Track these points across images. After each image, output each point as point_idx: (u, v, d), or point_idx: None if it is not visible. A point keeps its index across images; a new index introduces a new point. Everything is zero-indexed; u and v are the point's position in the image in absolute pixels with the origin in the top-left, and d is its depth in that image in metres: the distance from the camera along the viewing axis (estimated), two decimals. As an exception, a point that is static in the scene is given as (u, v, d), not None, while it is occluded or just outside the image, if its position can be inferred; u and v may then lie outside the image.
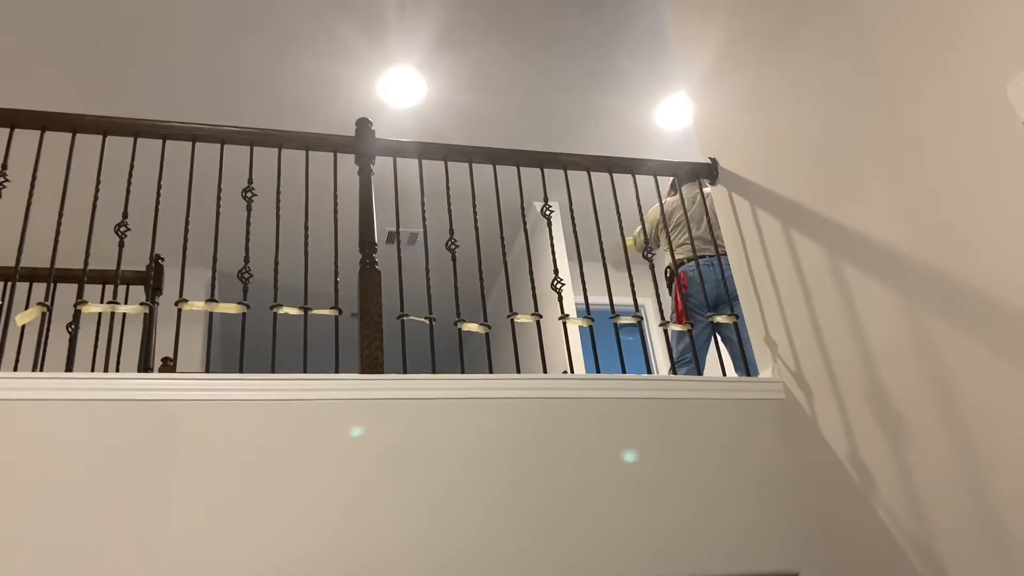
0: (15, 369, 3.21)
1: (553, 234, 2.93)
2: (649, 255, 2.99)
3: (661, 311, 2.98)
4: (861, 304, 2.36)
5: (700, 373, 3.13)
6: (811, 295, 2.60)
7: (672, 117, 4.94)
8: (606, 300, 2.86)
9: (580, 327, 2.83)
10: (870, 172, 2.32)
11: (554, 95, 4.64)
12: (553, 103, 4.69)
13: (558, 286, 2.82)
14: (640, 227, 3.90)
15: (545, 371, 2.73)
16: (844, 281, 2.43)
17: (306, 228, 2.74)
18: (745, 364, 2.99)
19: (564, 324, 2.77)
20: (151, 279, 3.44)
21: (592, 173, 3.09)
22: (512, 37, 4.21)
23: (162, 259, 3.51)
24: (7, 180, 2.54)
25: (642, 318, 2.93)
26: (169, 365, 3.96)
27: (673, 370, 2.95)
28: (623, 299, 3.02)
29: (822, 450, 2.52)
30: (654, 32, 4.29)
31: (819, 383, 2.56)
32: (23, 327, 2.50)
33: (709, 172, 3.19)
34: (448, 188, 2.91)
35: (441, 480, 2.34)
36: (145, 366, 3.32)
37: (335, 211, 2.79)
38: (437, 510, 2.29)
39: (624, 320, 2.82)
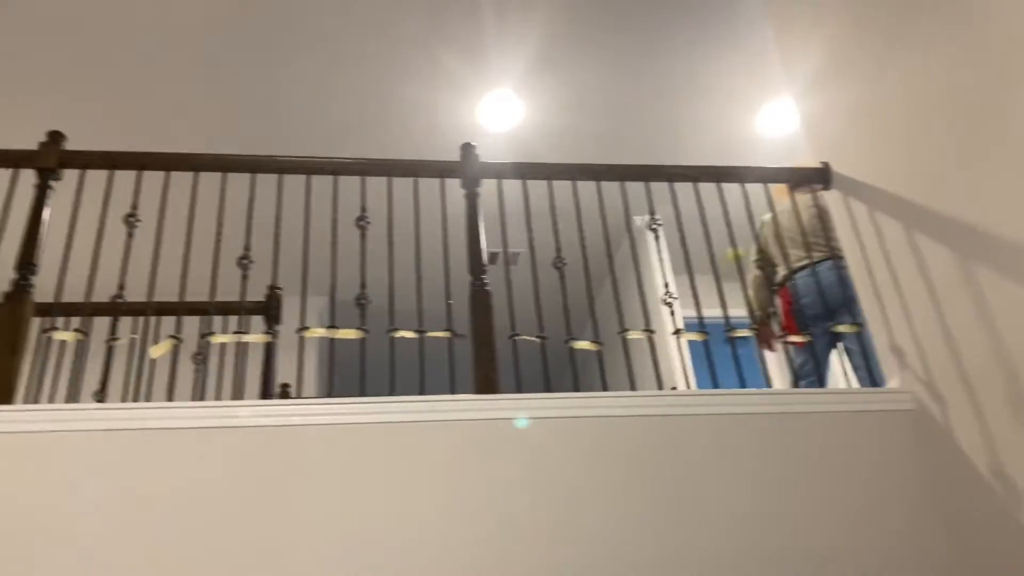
0: (147, 399, 3.37)
1: (658, 248, 2.91)
2: (769, 269, 2.93)
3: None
4: (998, 307, 2.23)
5: (823, 386, 3.02)
6: (940, 300, 2.47)
7: (774, 123, 4.82)
8: (710, 313, 2.81)
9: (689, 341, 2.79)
10: (1003, 172, 2.20)
11: (650, 108, 4.60)
12: (649, 117, 4.66)
13: (670, 300, 2.78)
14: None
15: (660, 387, 2.69)
16: (977, 284, 2.31)
17: (417, 253, 2.80)
18: (870, 374, 2.87)
19: (677, 339, 2.72)
20: (270, 309, 3.57)
21: (691, 184, 3.04)
22: (610, 54, 4.21)
23: (279, 288, 3.63)
24: (138, 220, 2.69)
25: (757, 330, 2.84)
26: (288, 391, 4.10)
27: (795, 384, 2.86)
28: (724, 312, 2.95)
29: (960, 463, 2.38)
30: (754, 37, 4.22)
31: (953, 391, 2.43)
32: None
33: (822, 176, 3.09)
34: (553, 207, 2.92)
35: (556, 500, 2.32)
36: (266, 393, 3.44)
37: (444, 235, 2.84)
38: (555, 530, 2.28)
39: (740, 333, 2.75)
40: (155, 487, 2.18)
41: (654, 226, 2.93)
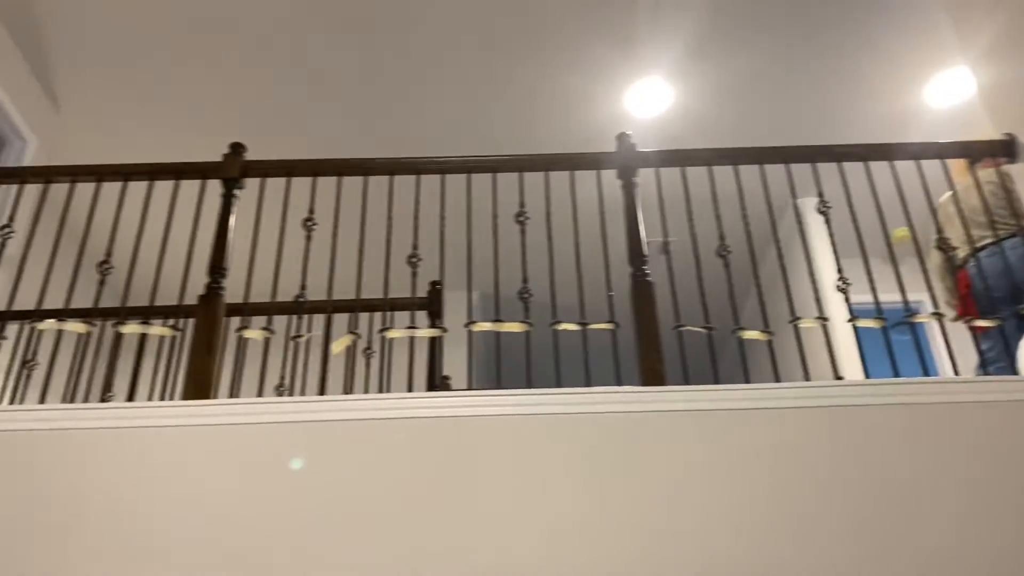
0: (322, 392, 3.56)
1: (830, 231, 2.79)
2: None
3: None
4: None
5: (1014, 372, 2.82)
6: None
7: (943, 94, 4.53)
8: (872, 299, 2.68)
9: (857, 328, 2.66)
10: None
11: (808, 88, 4.43)
12: (806, 97, 4.49)
13: (844, 286, 2.67)
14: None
15: (837, 377, 2.59)
16: None
17: (576, 245, 2.81)
18: None
19: (854, 327, 2.61)
20: (432, 304, 3.68)
21: (855, 163, 2.90)
22: (767, 33, 4.08)
23: (440, 285, 3.74)
24: (315, 224, 2.84)
25: (943, 315, 2.68)
26: (449, 384, 4.23)
27: (983, 371, 2.68)
28: (890, 296, 2.80)
29: None
30: (918, 4, 3.98)
31: None
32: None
33: (1006, 149, 2.88)
34: (715, 194, 2.86)
35: (729, 495, 2.28)
36: (431, 385, 3.56)
37: (602, 226, 2.84)
38: (729, 527, 2.23)
39: (921, 318, 2.61)
40: (340, 477, 2.31)
41: (823, 208, 2.81)
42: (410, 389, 3.41)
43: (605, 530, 2.22)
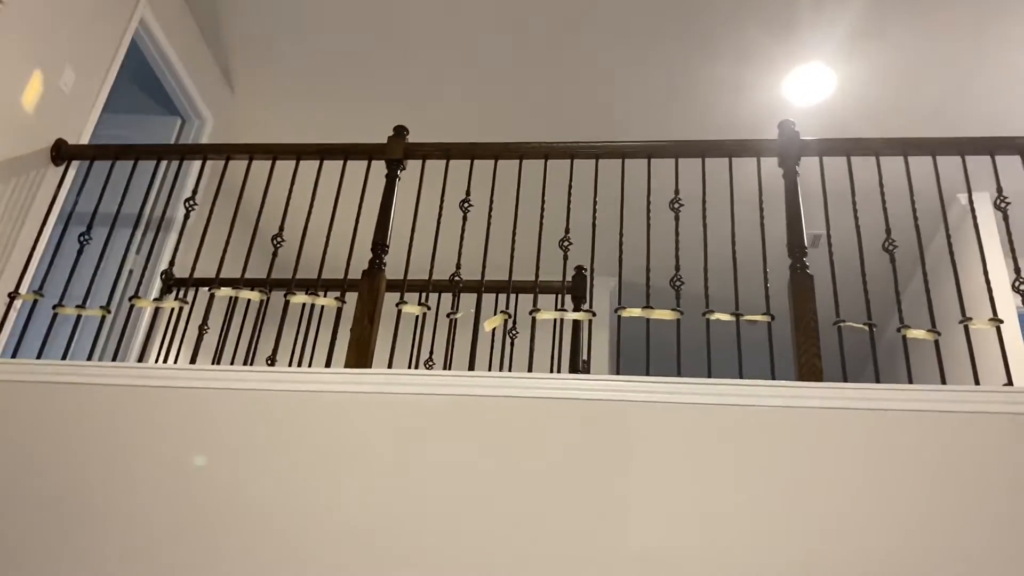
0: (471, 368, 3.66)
1: (1008, 228, 2.63)
2: None
3: None
4: None
5: None
6: None
7: None
8: None
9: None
10: None
11: (984, 75, 4.14)
12: (984, 83, 4.19)
13: (1021, 286, 2.50)
14: None
15: (1011, 382, 2.44)
16: None
17: (733, 234, 2.77)
18: None
19: (1033, 330, 2.45)
20: (576, 288, 3.71)
21: None
22: (940, 16, 3.84)
23: (585, 270, 3.77)
24: (471, 205, 2.92)
25: None
26: (587, 367, 4.25)
27: None
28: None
29: None
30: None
31: None
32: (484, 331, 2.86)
33: None
34: (882, 185, 2.74)
35: (887, 499, 2.19)
36: (574, 368, 3.60)
37: (761, 216, 2.77)
38: (885, 529, 2.15)
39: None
40: (487, 451, 2.37)
41: (1002, 204, 2.65)
42: (554, 371, 3.47)
43: (753, 523, 2.19)
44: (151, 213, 3.47)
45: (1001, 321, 2.49)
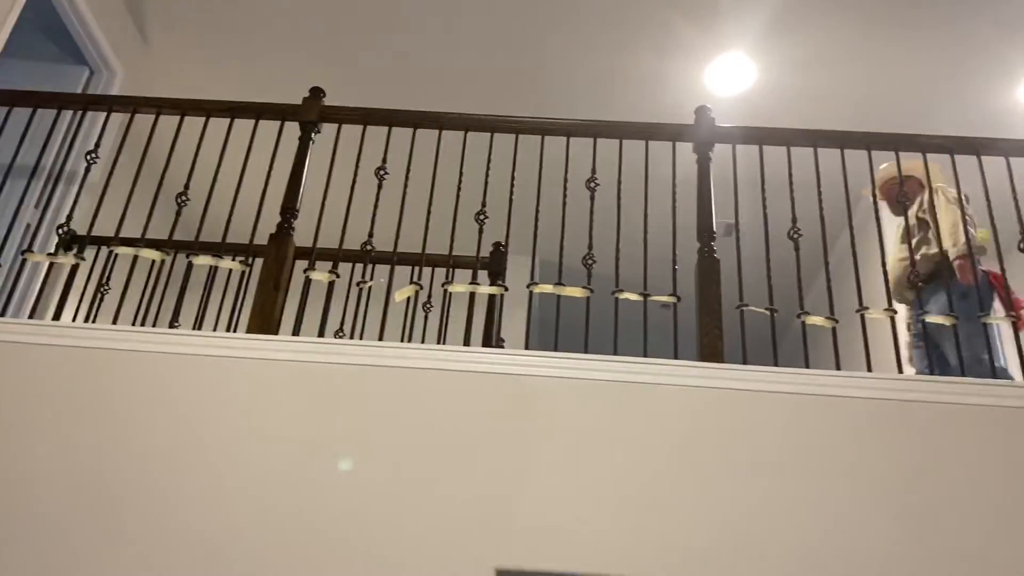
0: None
1: (889, 222, 2.74)
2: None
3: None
4: None
5: None
6: None
7: (1040, 93, 4.34)
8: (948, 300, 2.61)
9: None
10: None
11: (897, 74, 4.28)
12: (896, 83, 4.34)
13: (916, 280, 2.60)
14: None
15: (901, 371, 2.54)
16: None
17: (645, 216, 2.79)
18: None
19: (923, 322, 2.55)
20: (493, 265, 3.70)
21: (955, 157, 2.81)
22: (858, 12, 3.94)
23: (503, 246, 3.75)
24: (387, 173, 2.87)
25: (1018, 318, 2.60)
26: (503, 344, 4.26)
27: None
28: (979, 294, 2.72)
29: None
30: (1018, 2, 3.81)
31: None
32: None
33: (1102, 153, 2.76)
34: (791, 175, 2.81)
35: (773, 477, 2.26)
36: (487, 343, 3.59)
37: (673, 200, 2.80)
38: (765, 507, 2.22)
39: (992, 320, 2.54)
40: (395, 420, 2.35)
41: (902, 199, 2.74)
42: (467, 345, 3.45)
43: (650, 499, 2.23)
44: (52, 166, 3.30)
45: (894, 311, 2.58)
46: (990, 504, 2.20)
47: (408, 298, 2.87)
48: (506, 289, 2.79)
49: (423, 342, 3.42)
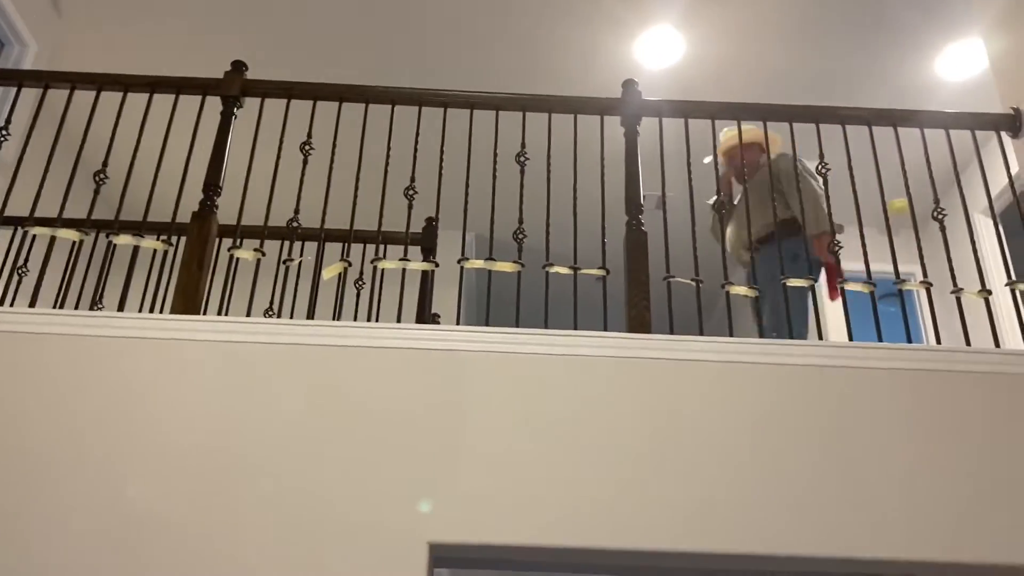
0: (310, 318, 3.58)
1: (826, 195, 2.80)
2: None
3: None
4: None
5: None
6: None
7: (956, 67, 4.49)
8: (864, 266, 2.70)
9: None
10: None
11: (819, 50, 4.38)
12: (818, 58, 4.44)
13: (836, 249, 2.68)
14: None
15: (821, 338, 2.62)
16: None
17: (574, 190, 2.80)
18: None
19: (843, 289, 2.63)
20: (425, 241, 3.68)
21: (866, 128, 2.89)
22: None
23: (435, 221, 3.73)
24: (312, 148, 2.82)
25: (932, 284, 2.70)
26: (438, 320, 4.25)
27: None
28: (881, 265, 2.81)
29: None
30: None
31: None
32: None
33: (1011, 124, 2.87)
34: (715, 147, 2.86)
35: (707, 445, 2.32)
36: (421, 319, 3.58)
37: (602, 173, 2.83)
38: (704, 475, 2.28)
39: (909, 286, 2.63)
40: (328, 399, 2.34)
41: (823, 171, 2.81)
42: (399, 322, 3.43)
43: (584, 470, 2.27)
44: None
45: (814, 280, 2.65)
46: (902, 458, 2.30)
47: (339, 275, 2.84)
48: (437, 265, 2.78)
49: (355, 320, 3.41)
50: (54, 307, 3.13)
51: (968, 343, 2.60)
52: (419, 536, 2.12)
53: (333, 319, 3.23)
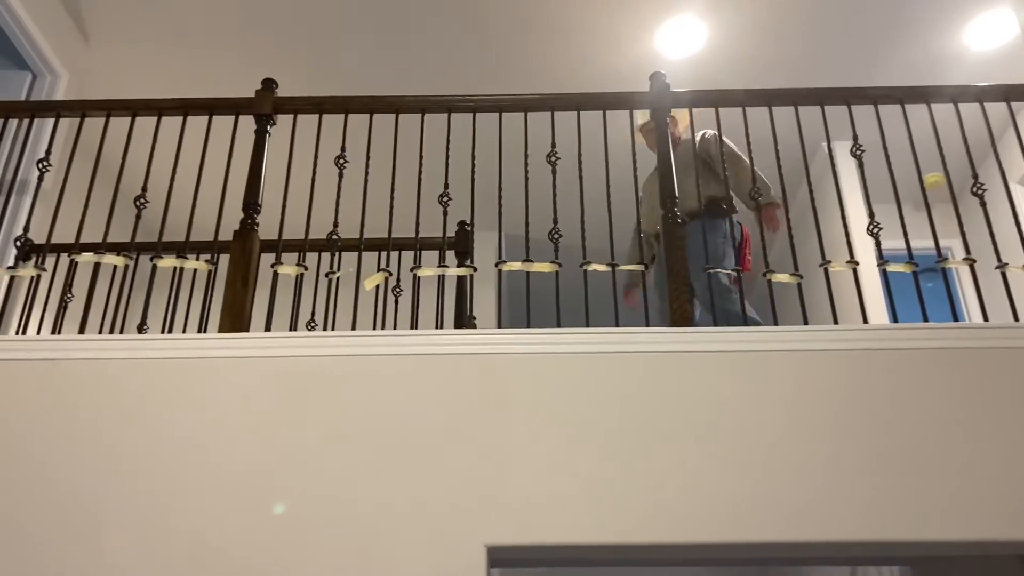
0: (353, 328, 3.61)
1: (862, 175, 2.78)
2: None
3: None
4: None
5: None
6: None
7: (985, 37, 4.42)
8: (904, 244, 2.67)
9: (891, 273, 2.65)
10: None
11: (843, 30, 4.33)
12: (842, 38, 4.38)
13: (876, 231, 2.66)
14: None
15: (865, 321, 2.60)
16: None
17: (608, 186, 2.80)
18: None
19: (884, 271, 2.61)
20: (459, 244, 3.70)
21: (884, 107, 2.86)
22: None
23: (468, 225, 3.75)
24: (347, 161, 2.85)
25: (975, 261, 2.67)
26: (475, 323, 4.27)
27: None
28: (920, 242, 2.78)
29: None
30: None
31: None
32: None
33: (1042, 95, 2.82)
34: (748, 135, 2.84)
35: (756, 435, 2.31)
36: (459, 323, 3.61)
37: (634, 168, 2.83)
38: (755, 466, 2.27)
39: (952, 264, 2.61)
40: (373, 408, 2.36)
41: (857, 152, 2.78)
42: (439, 328, 3.46)
43: (633, 467, 2.27)
44: (2, 176, 3.23)
45: (856, 263, 2.64)
46: (958, 439, 2.28)
47: (378, 285, 2.86)
48: (475, 270, 2.79)
49: (395, 327, 3.44)
50: (99, 332, 3.20)
51: (1016, 319, 2.56)
52: (477, 540, 2.14)
53: (373, 328, 3.25)
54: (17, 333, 3.39)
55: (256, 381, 2.42)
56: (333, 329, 3.30)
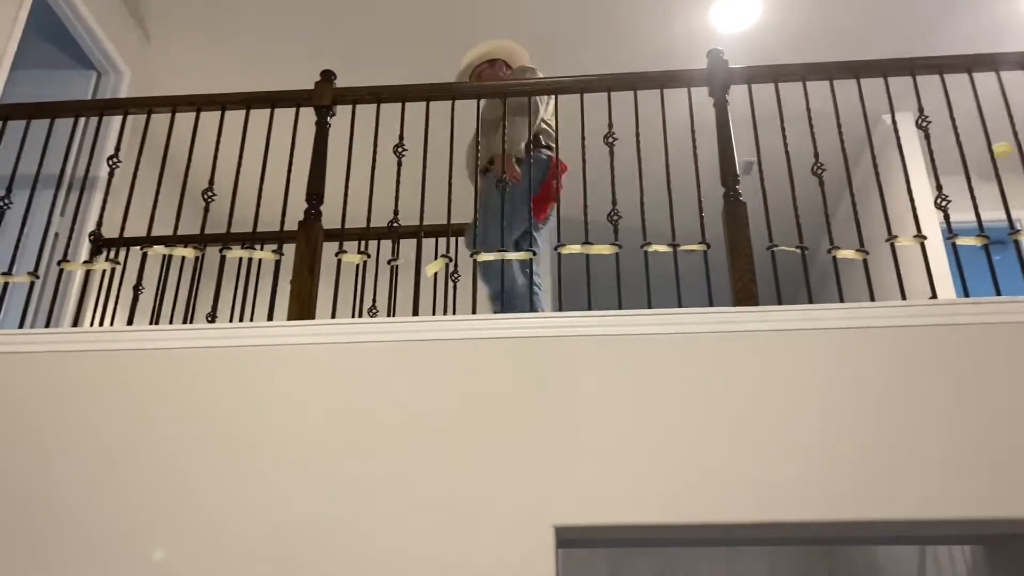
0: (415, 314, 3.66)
1: (929, 148, 2.71)
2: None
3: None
4: None
5: None
6: None
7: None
8: (973, 216, 2.60)
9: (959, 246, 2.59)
10: None
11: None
12: (897, 4, 4.27)
13: (944, 203, 2.60)
14: None
15: (934, 296, 2.55)
16: None
17: (667, 165, 2.79)
18: None
19: (954, 245, 2.55)
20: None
21: (960, 76, 2.78)
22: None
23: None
24: (405, 149, 2.87)
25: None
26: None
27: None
28: (990, 214, 2.71)
29: None
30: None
31: None
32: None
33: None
34: (809, 110, 2.79)
35: (825, 414, 2.29)
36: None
37: (694, 146, 2.80)
38: (824, 445, 2.25)
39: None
40: (440, 391, 2.40)
41: (923, 123, 2.72)
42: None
43: (700, 447, 2.27)
44: (73, 173, 3.35)
45: (925, 237, 2.58)
46: (1035, 419, 2.23)
47: (438, 270, 2.90)
48: (534, 253, 2.80)
49: (455, 312, 3.48)
50: (171, 322, 3.30)
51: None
52: (546, 521, 2.17)
53: (433, 314, 3.29)
54: (91, 325, 3.52)
55: (325, 367, 2.48)
56: (393, 315, 3.35)
